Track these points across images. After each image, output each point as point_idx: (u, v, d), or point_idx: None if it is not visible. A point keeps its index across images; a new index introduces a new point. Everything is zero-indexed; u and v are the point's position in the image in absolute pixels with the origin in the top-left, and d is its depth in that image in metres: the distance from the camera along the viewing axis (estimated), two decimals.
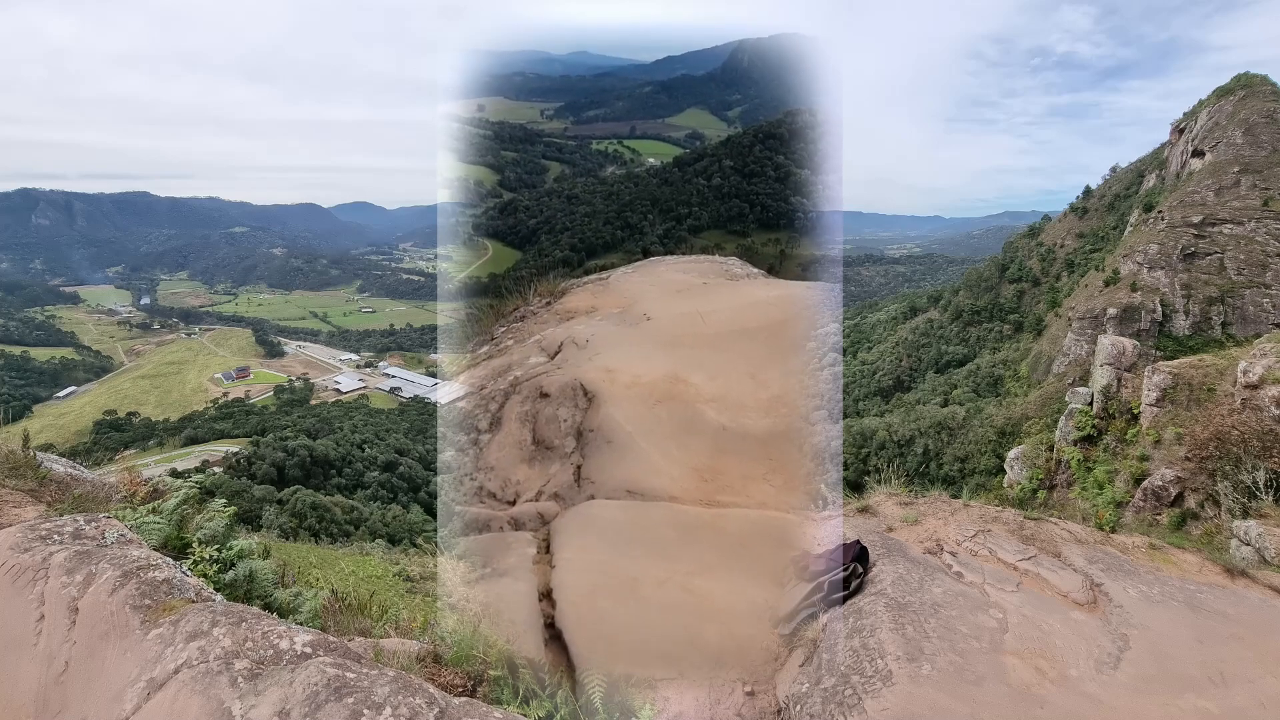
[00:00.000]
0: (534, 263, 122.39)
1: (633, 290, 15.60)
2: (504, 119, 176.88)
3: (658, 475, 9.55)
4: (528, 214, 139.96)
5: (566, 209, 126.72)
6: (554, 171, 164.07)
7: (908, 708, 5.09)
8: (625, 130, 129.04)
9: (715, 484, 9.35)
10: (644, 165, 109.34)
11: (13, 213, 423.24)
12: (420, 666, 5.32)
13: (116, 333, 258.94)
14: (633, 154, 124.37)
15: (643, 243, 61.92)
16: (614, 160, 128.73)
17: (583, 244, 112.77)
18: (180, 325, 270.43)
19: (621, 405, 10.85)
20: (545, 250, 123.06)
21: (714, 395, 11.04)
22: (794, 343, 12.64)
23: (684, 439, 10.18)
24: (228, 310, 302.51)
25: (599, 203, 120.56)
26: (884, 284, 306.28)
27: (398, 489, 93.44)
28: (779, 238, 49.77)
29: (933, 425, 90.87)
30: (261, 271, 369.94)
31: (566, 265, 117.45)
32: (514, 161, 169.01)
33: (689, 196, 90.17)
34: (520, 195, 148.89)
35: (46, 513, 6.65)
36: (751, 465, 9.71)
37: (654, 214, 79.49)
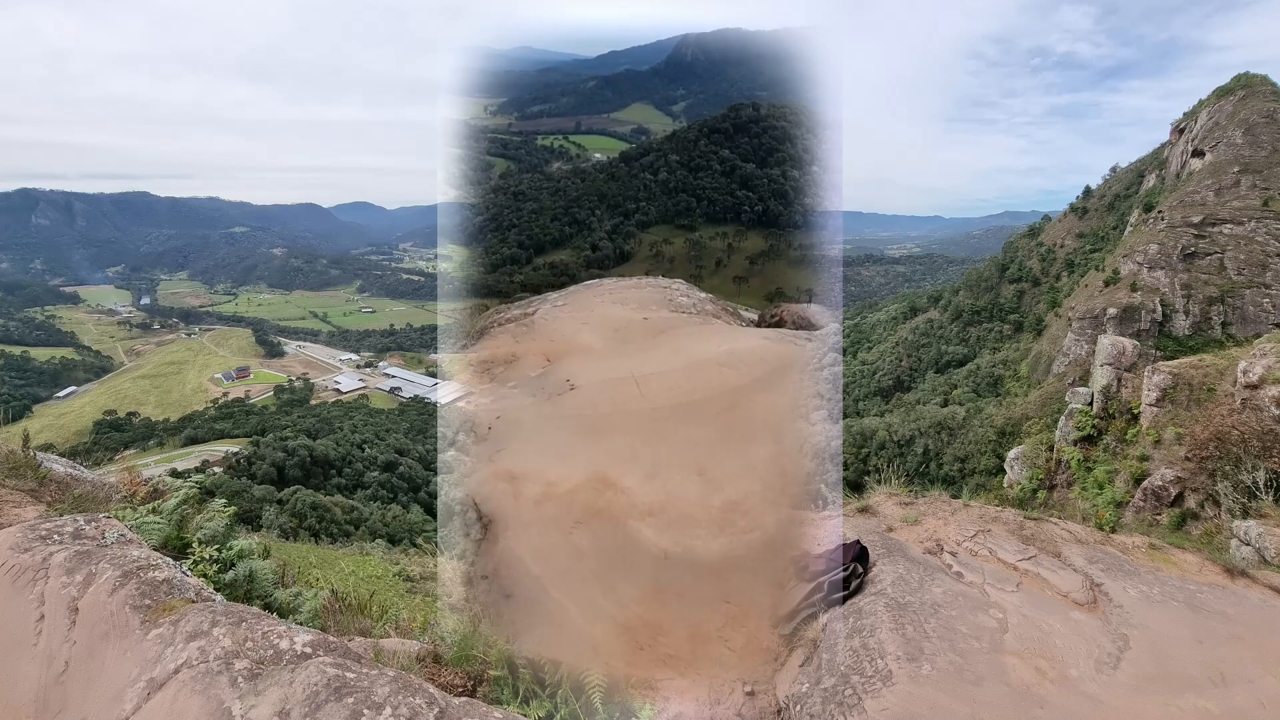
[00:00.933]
0: (481, 261, 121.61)
1: (561, 331, 13.11)
2: (447, 116, 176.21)
3: (574, 642, 7.23)
4: (474, 211, 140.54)
5: (513, 205, 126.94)
6: (499, 168, 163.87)
7: (908, 708, 5.09)
8: (571, 125, 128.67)
9: (653, 651, 7.07)
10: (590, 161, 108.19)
11: (13, 213, 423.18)
12: (420, 666, 5.32)
13: (116, 333, 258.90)
14: (579, 149, 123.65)
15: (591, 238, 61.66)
16: (560, 156, 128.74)
17: (530, 241, 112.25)
18: (180, 325, 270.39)
19: (528, 533, 8.33)
20: (493, 248, 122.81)
21: (652, 505, 8.57)
22: (756, 420, 9.59)
23: (612, 580, 7.79)
24: (228, 310, 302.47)
25: (546, 199, 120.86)
26: (884, 284, 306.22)
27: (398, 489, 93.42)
28: (725, 232, 49.98)
29: (933, 425, 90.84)
30: (261, 271, 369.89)
31: (515, 263, 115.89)
32: (459, 159, 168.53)
33: (636, 192, 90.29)
34: (464, 192, 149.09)
35: (46, 513, 6.64)
36: (703, 614, 7.44)
37: (601, 209, 79.00)
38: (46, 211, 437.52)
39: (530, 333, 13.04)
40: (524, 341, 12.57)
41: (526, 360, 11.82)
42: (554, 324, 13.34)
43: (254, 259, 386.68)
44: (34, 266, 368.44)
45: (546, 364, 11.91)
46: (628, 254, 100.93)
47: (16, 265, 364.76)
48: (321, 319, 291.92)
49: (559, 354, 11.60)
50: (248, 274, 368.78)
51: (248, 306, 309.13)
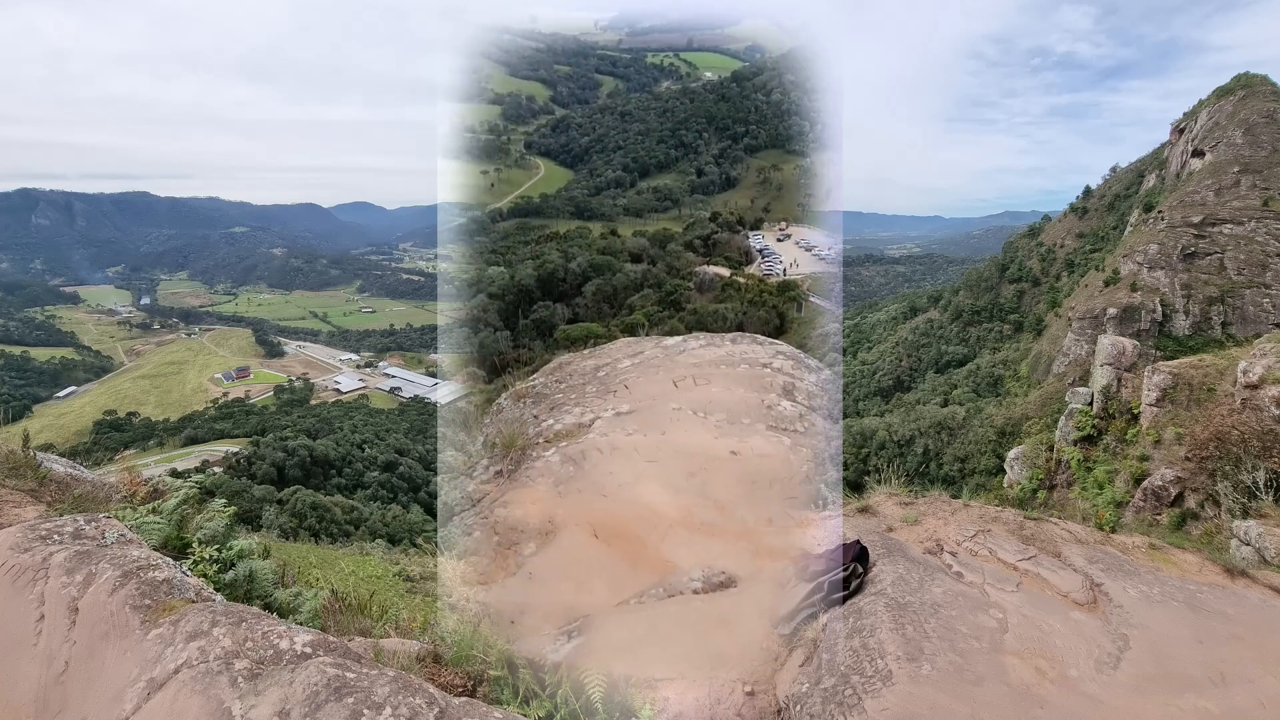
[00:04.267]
0: (585, 184, 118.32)
1: (619, 474, 8.78)
2: (557, 30, 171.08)
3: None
4: (580, 131, 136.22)
5: (620, 126, 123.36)
6: (607, 87, 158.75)
7: (908, 708, 5.09)
8: (682, 42, 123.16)
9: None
10: (700, 80, 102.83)
11: (13, 213, 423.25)
12: (420, 666, 5.32)
13: (116, 333, 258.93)
14: (690, 68, 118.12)
15: (697, 163, 59.64)
16: (670, 75, 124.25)
17: (635, 164, 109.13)
18: (180, 325, 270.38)
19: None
20: (597, 170, 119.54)
21: None
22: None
23: None
24: (228, 310, 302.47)
25: (653, 120, 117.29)
26: (884, 284, 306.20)
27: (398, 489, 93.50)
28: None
29: (933, 425, 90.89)
30: (261, 271, 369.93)
31: (618, 186, 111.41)
32: (567, 76, 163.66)
33: (746, 114, 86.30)
34: (573, 111, 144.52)
35: (46, 513, 6.64)
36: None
37: (710, 132, 76.23)
38: (46, 211, 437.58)
39: (579, 474, 8.52)
40: (569, 497, 8.16)
41: (568, 539, 7.50)
42: (610, 460, 8.74)
43: (254, 259, 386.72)
44: (34, 266, 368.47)
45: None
46: (733, 180, 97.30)
47: (16, 265, 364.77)
48: (321, 319, 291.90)
49: (614, 531, 7.51)
50: (248, 274, 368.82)
51: (248, 306, 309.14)
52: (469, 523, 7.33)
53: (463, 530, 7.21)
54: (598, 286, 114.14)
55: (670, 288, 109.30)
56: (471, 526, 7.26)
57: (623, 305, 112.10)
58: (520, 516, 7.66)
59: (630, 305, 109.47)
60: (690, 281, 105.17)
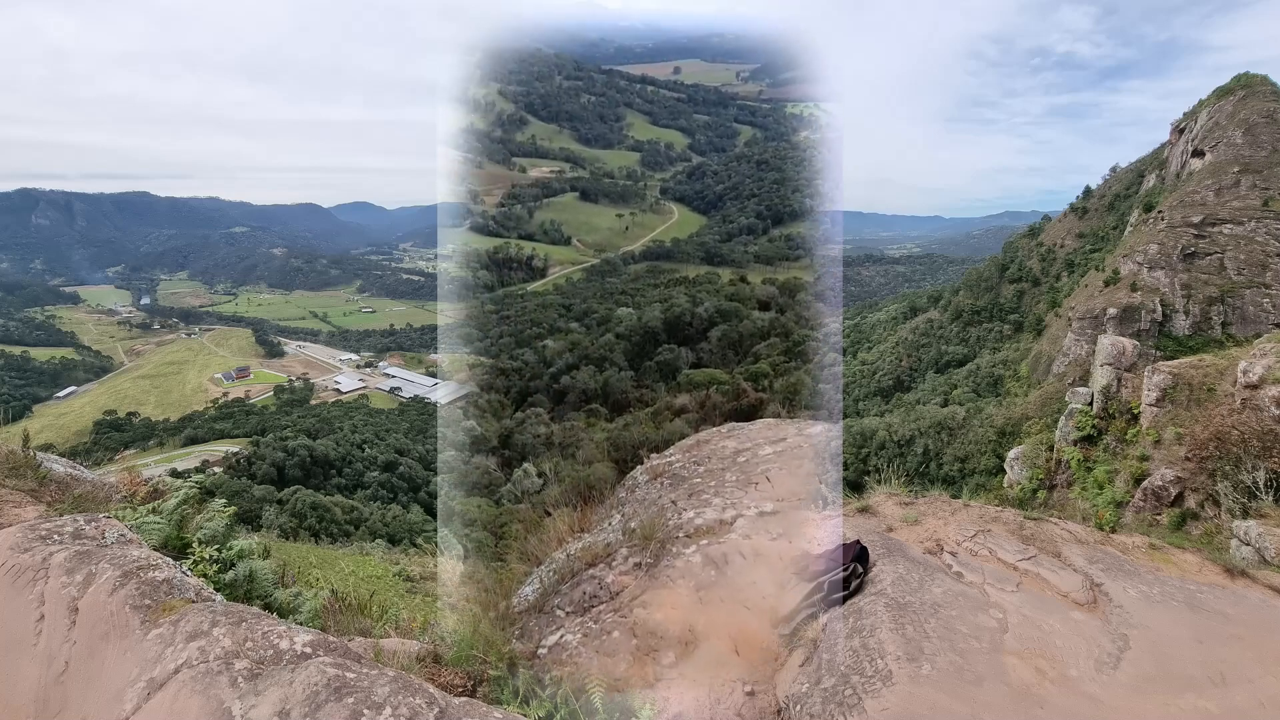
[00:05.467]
0: (717, 229, 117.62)
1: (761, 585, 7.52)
2: (699, 81, 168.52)
3: None
4: (715, 179, 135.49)
5: (755, 174, 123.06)
6: (745, 135, 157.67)
7: (908, 708, 5.09)
8: (825, 93, 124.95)
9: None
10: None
11: (13, 213, 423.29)
12: (420, 666, 5.32)
13: (116, 333, 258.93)
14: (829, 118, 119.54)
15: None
16: (809, 125, 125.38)
17: (769, 211, 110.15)
18: (180, 325, 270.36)
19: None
20: (730, 216, 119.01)
21: None
22: None
23: None
24: (228, 310, 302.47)
25: (789, 169, 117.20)
26: (884, 284, 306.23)
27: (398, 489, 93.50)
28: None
29: (933, 425, 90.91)
30: (261, 271, 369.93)
31: (750, 233, 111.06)
32: (705, 125, 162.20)
33: None
34: (709, 159, 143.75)
35: (46, 513, 6.64)
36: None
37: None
38: (46, 211, 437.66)
39: (721, 579, 7.35)
40: (711, 605, 7.07)
41: (709, 653, 6.37)
42: (754, 567, 7.57)
43: (254, 259, 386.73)
44: (34, 266, 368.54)
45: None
46: None
47: (16, 265, 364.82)
48: (321, 319, 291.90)
49: (757, 648, 6.45)
50: (248, 274, 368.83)
51: (248, 306, 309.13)
52: (607, 620, 6.96)
53: (600, 628, 6.85)
54: (723, 332, 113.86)
55: (798, 338, 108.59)
56: (610, 625, 6.83)
57: (748, 353, 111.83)
58: (660, 621, 7.12)
59: (755, 354, 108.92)
60: (819, 334, 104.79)
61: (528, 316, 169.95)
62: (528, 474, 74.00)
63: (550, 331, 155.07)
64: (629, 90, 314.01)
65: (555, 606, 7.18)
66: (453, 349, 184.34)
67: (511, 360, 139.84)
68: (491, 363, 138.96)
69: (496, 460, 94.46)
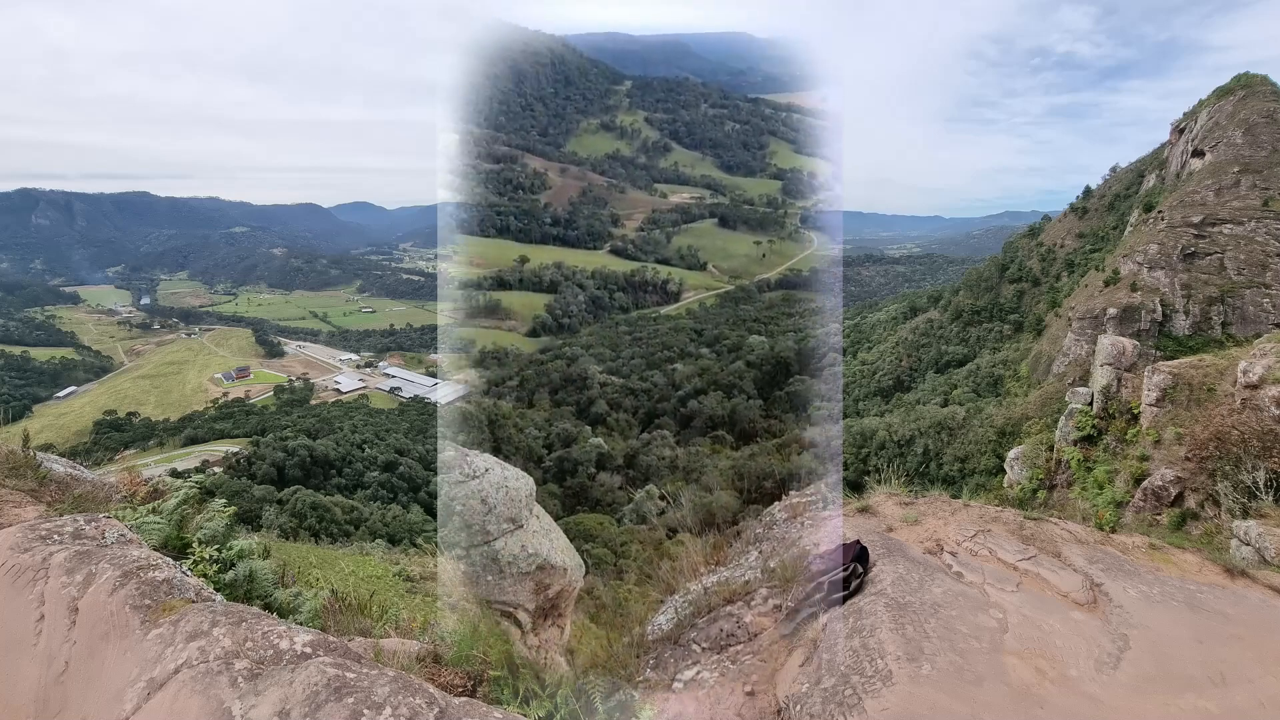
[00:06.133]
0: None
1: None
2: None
3: None
4: None
5: None
6: None
7: (908, 708, 5.09)
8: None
9: None
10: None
11: (13, 213, 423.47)
12: (420, 666, 5.32)
13: (116, 333, 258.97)
14: None
15: None
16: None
17: None
18: (180, 325, 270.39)
19: None
20: None
21: None
22: None
23: None
24: (228, 310, 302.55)
25: None
26: (884, 284, 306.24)
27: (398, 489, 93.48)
28: None
29: (933, 425, 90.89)
30: (261, 271, 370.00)
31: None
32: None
33: None
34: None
35: (46, 513, 6.64)
36: None
37: None
38: (46, 211, 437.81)
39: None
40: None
41: None
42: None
43: (254, 259, 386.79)
44: (34, 266, 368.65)
45: None
46: None
47: (16, 265, 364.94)
48: (321, 319, 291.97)
49: None
50: (248, 274, 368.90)
51: (248, 306, 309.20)
52: (746, 661, 6.69)
53: (739, 670, 6.55)
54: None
55: None
56: (750, 669, 6.57)
57: None
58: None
59: None
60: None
61: (659, 339, 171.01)
62: (650, 495, 73.89)
63: (680, 355, 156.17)
64: (774, 118, 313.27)
65: (691, 640, 7.07)
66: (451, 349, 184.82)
67: (641, 381, 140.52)
68: (622, 382, 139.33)
69: (621, 478, 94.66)
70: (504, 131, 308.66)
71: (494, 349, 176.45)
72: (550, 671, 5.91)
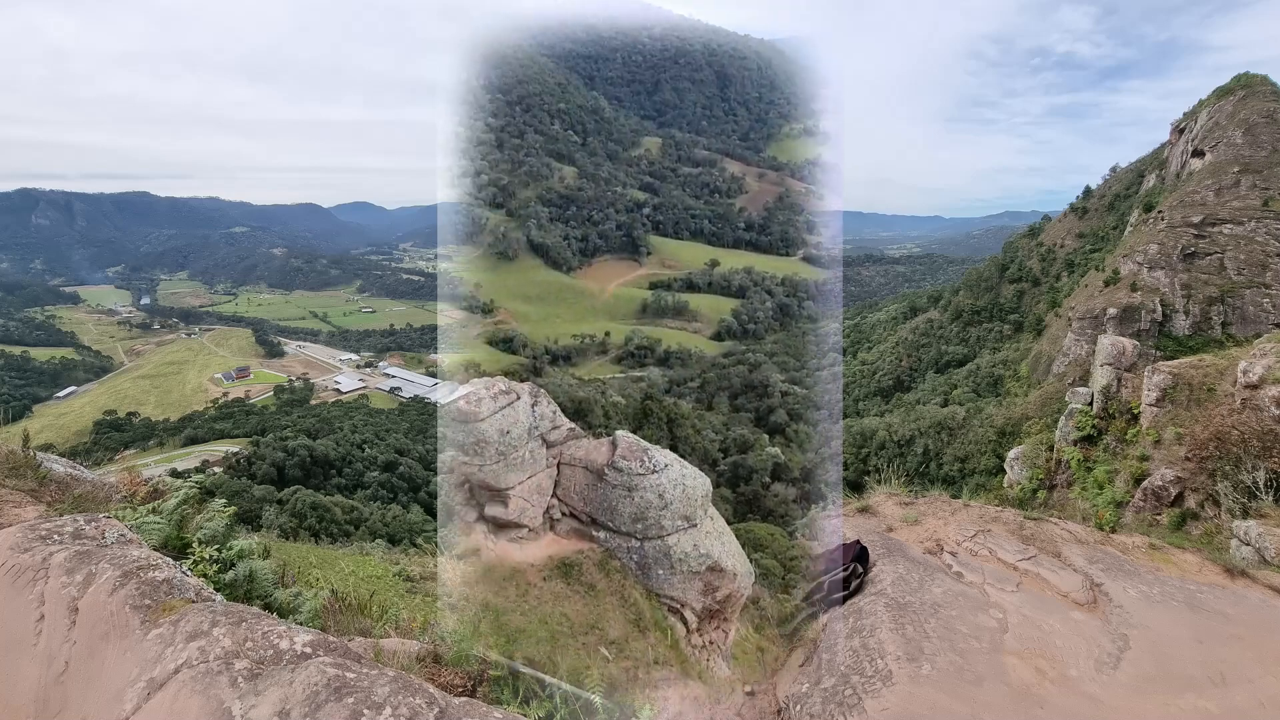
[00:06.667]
0: None
1: None
2: None
3: None
4: None
5: None
6: None
7: (908, 708, 5.09)
8: None
9: None
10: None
11: (13, 213, 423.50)
12: (420, 666, 5.32)
13: (116, 333, 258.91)
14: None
15: None
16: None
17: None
18: (180, 325, 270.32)
19: None
20: None
21: None
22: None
23: None
24: (228, 310, 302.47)
25: None
26: (884, 284, 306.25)
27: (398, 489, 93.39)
28: None
29: (933, 425, 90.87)
30: (261, 271, 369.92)
31: None
32: None
33: None
34: None
35: (46, 513, 6.64)
36: None
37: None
38: (46, 211, 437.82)
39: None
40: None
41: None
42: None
43: (254, 259, 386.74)
44: (34, 266, 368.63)
45: None
46: None
47: (16, 265, 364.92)
48: (321, 319, 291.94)
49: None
50: (248, 274, 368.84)
51: (248, 306, 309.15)
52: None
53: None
54: None
55: None
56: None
57: None
58: None
59: None
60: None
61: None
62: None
63: None
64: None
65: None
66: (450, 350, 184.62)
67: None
68: (804, 393, 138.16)
69: (796, 491, 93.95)
70: (705, 135, 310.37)
71: (678, 349, 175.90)
72: (710, 674, 5.79)
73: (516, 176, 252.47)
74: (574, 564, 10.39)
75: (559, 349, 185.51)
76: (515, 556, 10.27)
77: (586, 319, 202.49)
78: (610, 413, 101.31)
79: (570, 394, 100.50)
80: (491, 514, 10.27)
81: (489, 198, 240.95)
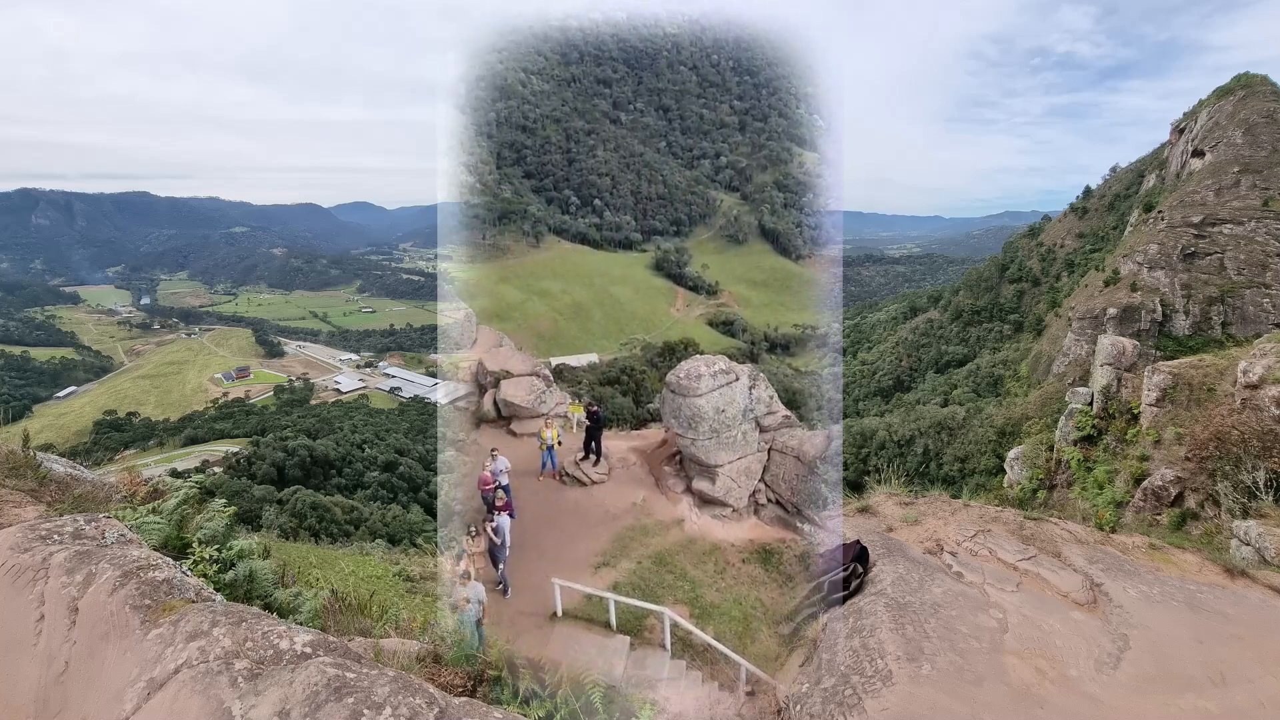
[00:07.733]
0: None
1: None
2: None
3: None
4: None
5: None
6: None
7: (908, 708, 5.09)
8: None
9: None
10: None
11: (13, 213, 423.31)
12: (420, 666, 5.32)
13: (116, 333, 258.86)
14: None
15: None
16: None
17: None
18: (180, 325, 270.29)
19: None
20: None
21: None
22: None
23: None
24: (228, 310, 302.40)
25: None
26: (884, 284, 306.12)
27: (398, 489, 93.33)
28: None
29: (933, 425, 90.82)
30: (261, 271, 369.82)
31: None
32: None
33: None
34: None
35: (46, 513, 6.64)
36: None
37: None
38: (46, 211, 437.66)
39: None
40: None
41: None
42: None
43: (254, 259, 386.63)
44: (34, 266, 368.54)
45: None
46: None
47: (16, 265, 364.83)
48: (321, 319, 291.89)
49: None
50: (248, 274, 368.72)
51: (248, 306, 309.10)
52: None
53: None
54: None
55: None
56: None
57: None
58: None
59: None
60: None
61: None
62: None
63: None
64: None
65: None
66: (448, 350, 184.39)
67: None
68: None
69: None
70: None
71: None
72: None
73: (755, 160, 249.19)
74: (775, 551, 10.24)
75: (778, 337, 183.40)
76: (717, 533, 10.29)
77: (809, 310, 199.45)
78: (824, 407, 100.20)
79: (786, 384, 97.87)
80: (698, 488, 10.27)
81: (726, 180, 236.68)
